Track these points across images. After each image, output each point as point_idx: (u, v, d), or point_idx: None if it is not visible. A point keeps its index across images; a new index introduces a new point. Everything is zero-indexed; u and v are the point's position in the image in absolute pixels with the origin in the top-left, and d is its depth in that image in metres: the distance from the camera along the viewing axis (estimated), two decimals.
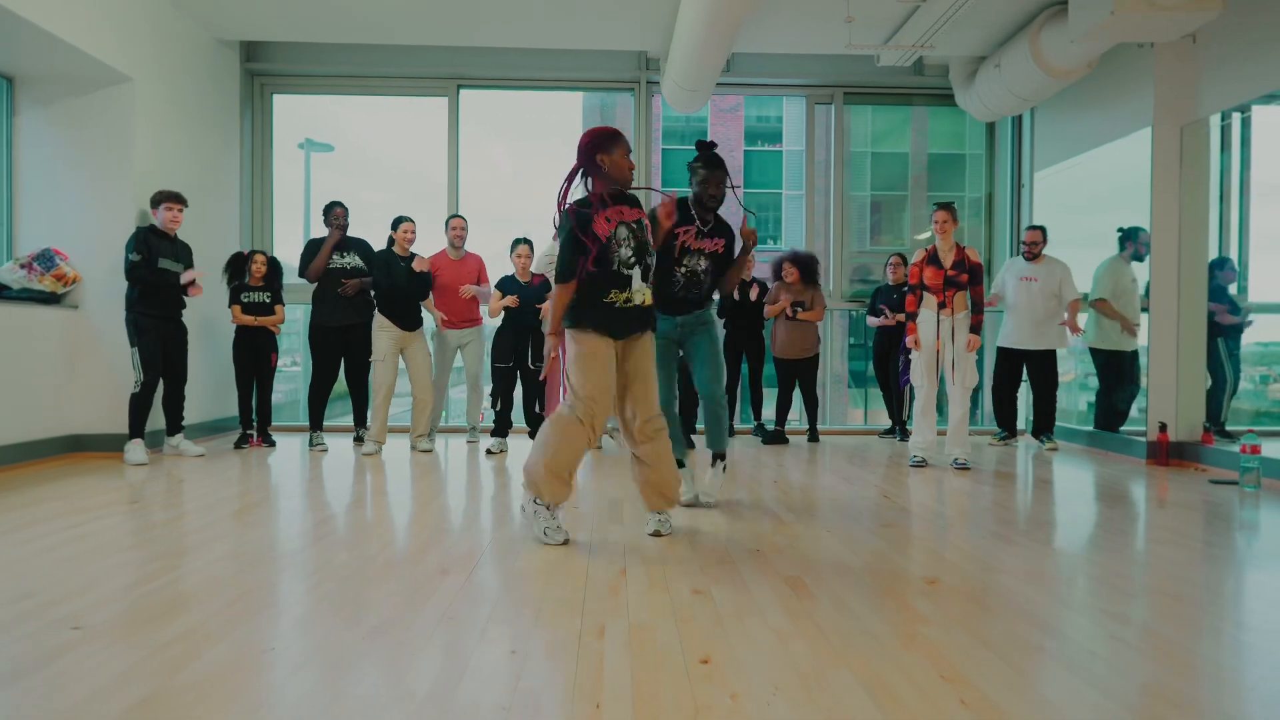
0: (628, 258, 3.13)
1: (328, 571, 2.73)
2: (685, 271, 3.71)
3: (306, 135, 11.99)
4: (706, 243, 3.72)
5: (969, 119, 7.20)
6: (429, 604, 2.39)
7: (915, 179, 21.10)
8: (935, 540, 3.26)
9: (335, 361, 5.85)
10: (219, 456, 5.46)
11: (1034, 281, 6.17)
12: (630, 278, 3.14)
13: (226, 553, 2.95)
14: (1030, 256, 6.21)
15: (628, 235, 3.13)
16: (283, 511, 3.74)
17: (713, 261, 3.76)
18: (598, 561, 2.89)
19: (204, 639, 2.08)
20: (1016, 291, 6.24)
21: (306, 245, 5.82)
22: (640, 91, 7.20)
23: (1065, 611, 2.42)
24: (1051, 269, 6.16)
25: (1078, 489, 4.66)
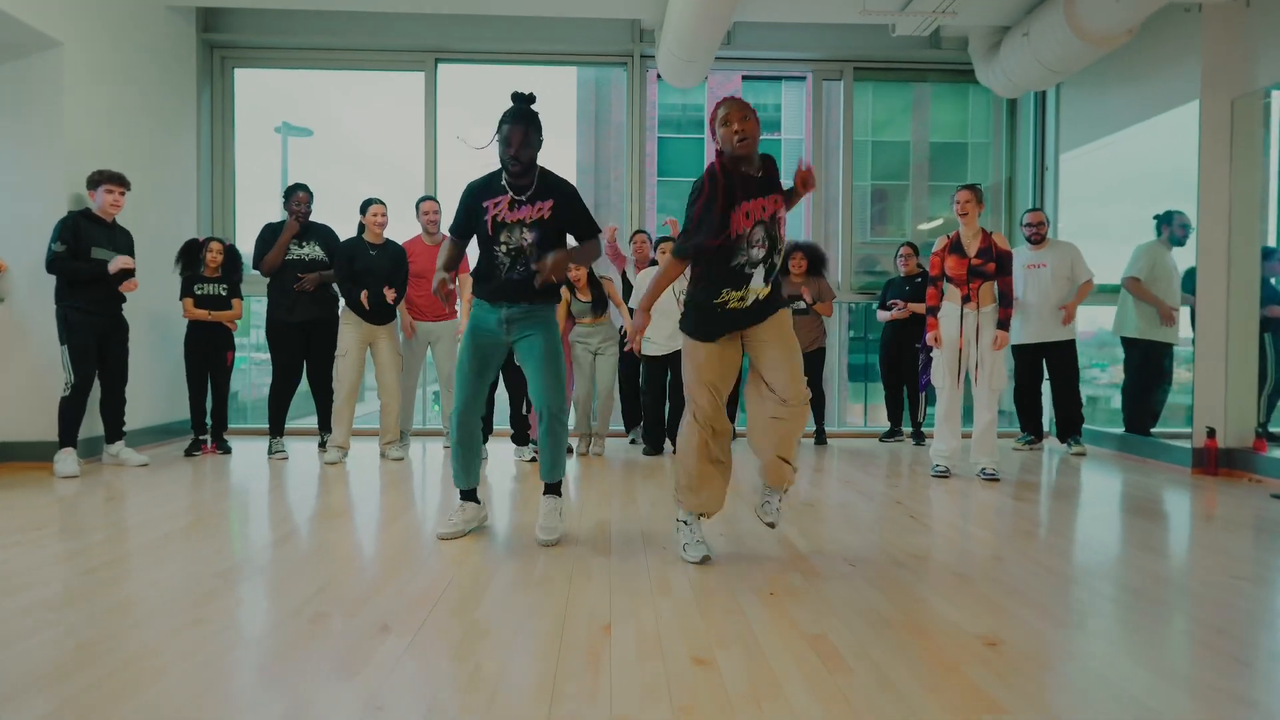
0: (757, 258, 2.82)
1: (239, 632, 2.19)
2: (507, 250, 3.10)
3: (284, 119, 11.43)
4: (526, 210, 3.09)
5: (972, 108, 6.71)
6: (354, 684, 1.86)
7: (917, 168, 20.59)
8: (983, 581, 2.73)
9: (297, 361, 5.29)
10: (165, 466, 4.91)
11: (1043, 268, 5.67)
12: (750, 276, 2.83)
13: (123, 598, 2.41)
14: (1036, 240, 5.71)
15: (763, 237, 2.81)
16: (212, 538, 3.19)
17: (541, 231, 3.09)
18: (576, 611, 2.35)
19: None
20: (1025, 281, 5.72)
21: (261, 232, 5.25)
22: (634, 66, 6.64)
23: (1167, 688, 1.89)
24: (1060, 251, 5.66)
25: (1132, 507, 4.13)
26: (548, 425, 3.25)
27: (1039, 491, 4.42)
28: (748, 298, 2.84)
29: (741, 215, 2.79)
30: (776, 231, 2.85)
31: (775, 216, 2.85)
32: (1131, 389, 5.75)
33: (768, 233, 2.82)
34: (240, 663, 1.98)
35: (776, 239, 2.85)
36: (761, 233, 2.81)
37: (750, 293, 2.84)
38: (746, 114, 2.81)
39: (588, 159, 21.76)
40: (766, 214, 2.82)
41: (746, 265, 2.82)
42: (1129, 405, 5.76)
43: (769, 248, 2.83)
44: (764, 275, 2.84)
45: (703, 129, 22.51)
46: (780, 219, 2.87)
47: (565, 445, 3.33)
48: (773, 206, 2.84)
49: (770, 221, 2.83)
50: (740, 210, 2.79)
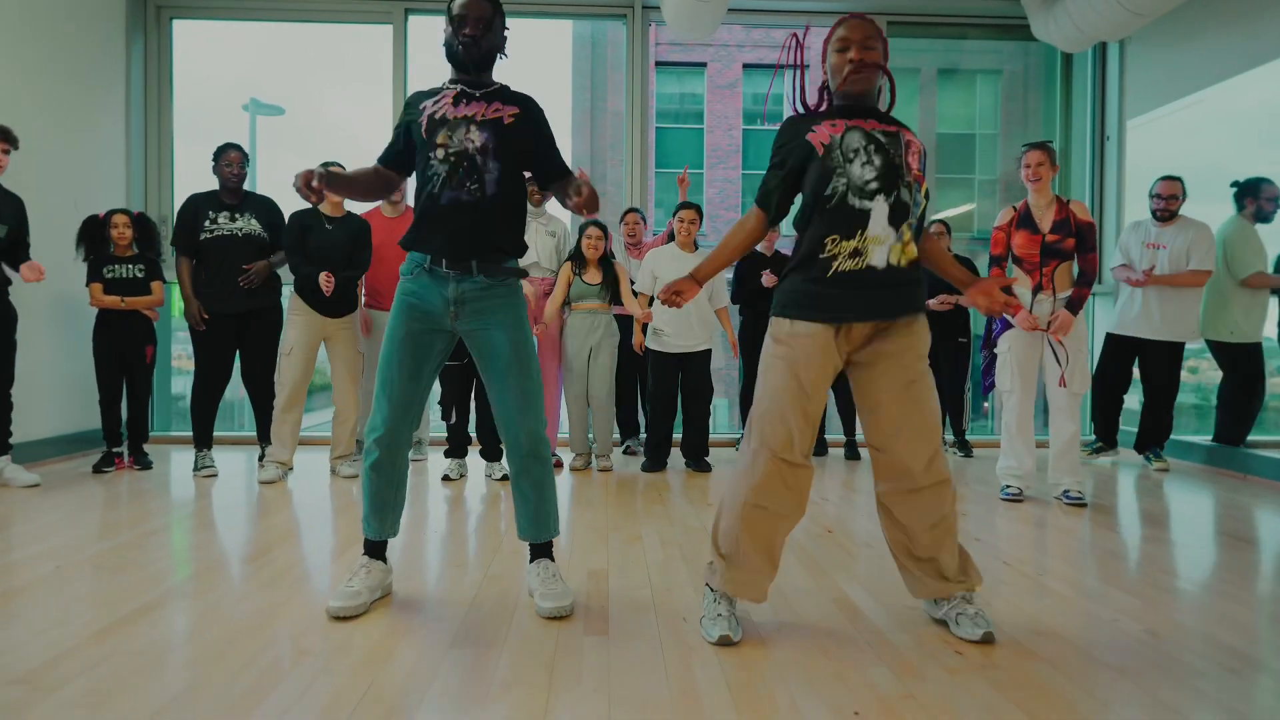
0: (864, 181, 1.94)
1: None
2: (446, 154, 2.15)
3: (252, 95, 10.53)
4: (478, 107, 2.19)
5: (979, 99, 5.86)
6: None
7: None
8: (1151, 675, 1.86)
9: (227, 357, 4.37)
10: (65, 485, 4.03)
11: (1161, 249, 4.65)
12: (868, 214, 1.93)
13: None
14: (1165, 216, 4.66)
15: (867, 147, 1.96)
16: (95, 587, 2.31)
17: (496, 135, 2.17)
18: (561, 707, 1.49)
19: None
20: (1140, 262, 4.74)
21: (183, 206, 4.33)
22: (634, 19, 5.76)
23: None
24: (1187, 231, 4.59)
25: (1261, 541, 3.26)
26: (521, 464, 2.28)
27: (1153, 525, 3.54)
28: (867, 252, 1.94)
29: (826, 126, 1.98)
30: (900, 155, 1.97)
31: (896, 136, 1.99)
32: (1230, 398, 4.85)
33: (876, 146, 1.96)
34: None
35: (899, 165, 1.95)
36: (861, 140, 1.96)
37: (870, 244, 1.94)
38: (870, 39, 1.99)
39: (583, 149, 20.92)
40: (870, 125, 1.99)
41: (852, 194, 1.93)
42: (1225, 416, 4.86)
43: (884, 170, 1.94)
44: (888, 216, 1.94)
45: (702, 119, 21.68)
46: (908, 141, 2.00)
47: (552, 489, 2.34)
48: (890, 127, 2.01)
49: (884, 137, 1.97)
50: (824, 125, 1.98)
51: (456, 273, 2.19)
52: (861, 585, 2.52)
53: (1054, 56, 6.15)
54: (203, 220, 4.25)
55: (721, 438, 5.58)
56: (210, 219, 4.26)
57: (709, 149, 21.67)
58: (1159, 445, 4.87)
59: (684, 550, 2.91)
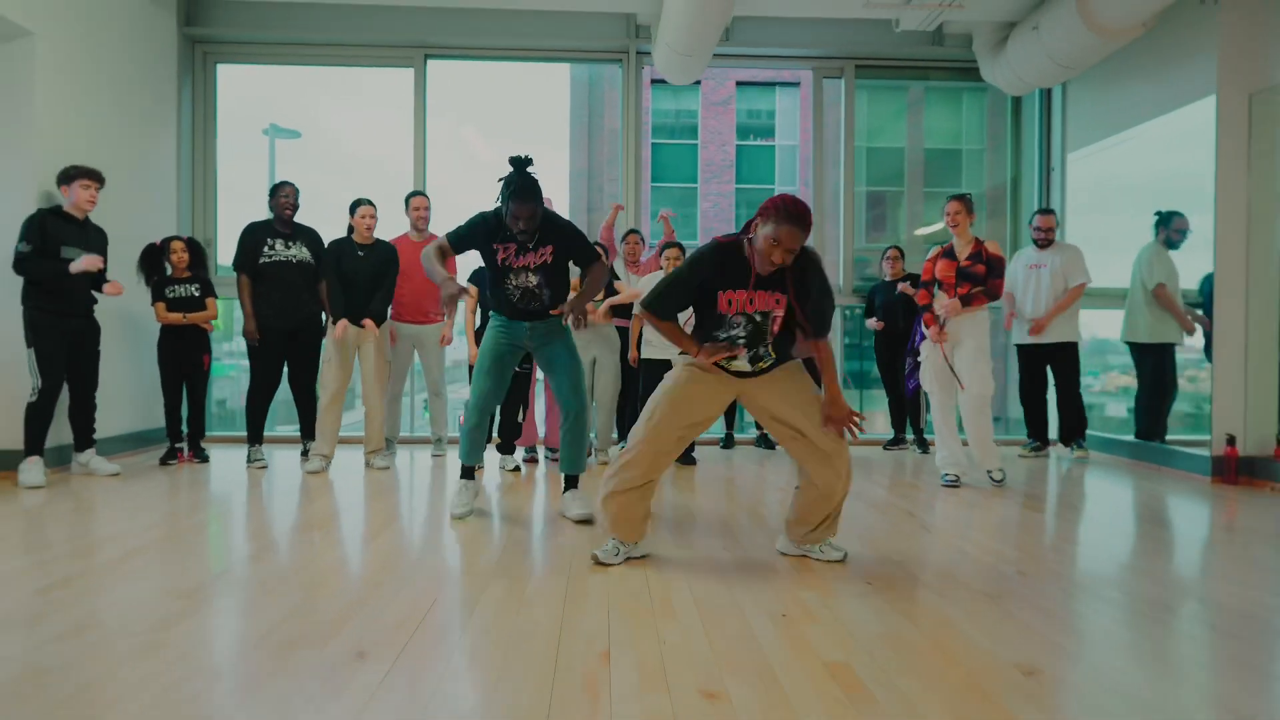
0: (736, 338, 2.80)
1: (199, 661, 1.98)
2: (516, 287, 3.49)
3: (271, 120, 11.21)
4: (530, 258, 3.44)
5: (966, 115, 6.56)
6: (324, 717, 1.64)
7: (911, 174, 20.48)
8: (1011, 600, 2.53)
9: (276, 364, 5.05)
10: (139, 476, 4.68)
11: (1042, 268, 5.55)
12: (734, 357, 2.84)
13: (74, 624, 2.19)
14: (1044, 244, 5.57)
15: (745, 326, 2.78)
16: (181, 555, 2.97)
17: (544, 273, 3.48)
18: (572, 636, 2.14)
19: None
20: (1025, 281, 5.61)
21: (244, 233, 5.02)
22: (629, 63, 6.45)
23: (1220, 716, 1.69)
24: (1062, 253, 5.52)
25: (1154, 517, 3.94)
26: (571, 422, 3.59)
27: (1056, 502, 4.23)
28: (730, 366, 2.84)
29: (724, 301, 2.76)
30: (767, 326, 2.77)
31: (768, 314, 2.75)
32: (1146, 395, 5.58)
33: (754, 325, 2.76)
34: (200, 695, 1.76)
35: (764, 332, 2.78)
36: (744, 322, 2.76)
37: (735, 367, 2.84)
38: (794, 246, 2.59)
39: (581, 164, 21.58)
40: (753, 307, 2.75)
41: (723, 335, 2.80)
42: (1142, 412, 5.59)
43: (751, 336, 2.77)
44: (749, 359, 2.81)
45: (696, 135, 22.37)
46: (775, 317, 2.77)
47: (586, 441, 3.68)
48: (768, 303, 2.75)
49: (760, 316, 2.76)
50: (724, 297, 2.75)
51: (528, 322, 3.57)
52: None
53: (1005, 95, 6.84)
54: (261, 246, 4.93)
55: (707, 436, 6.24)
56: (269, 245, 4.94)
57: (703, 164, 22.30)
58: (1079, 436, 5.59)
59: (669, 523, 3.58)
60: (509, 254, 3.41)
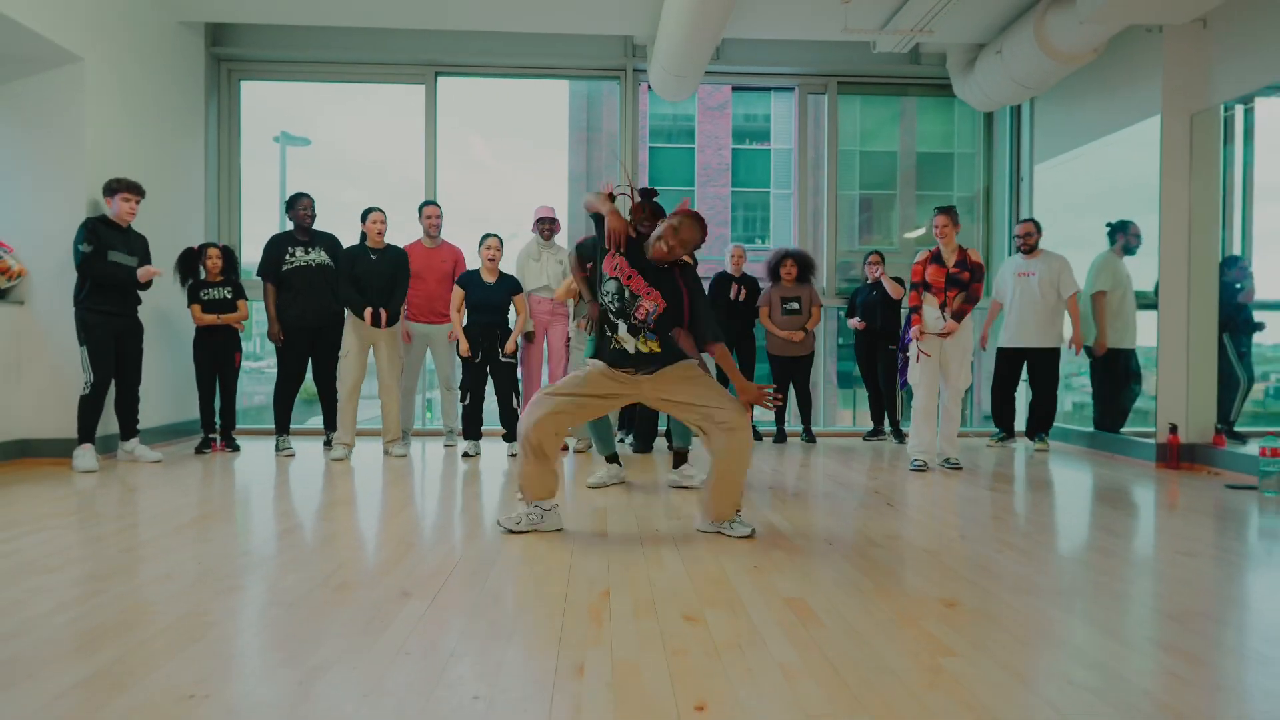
0: (613, 306, 3.18)
1: (274, 596, 2.43)
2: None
3: (283, 128, 11.65)
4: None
5: (957, 119, 7.04)
6: (383, 637, 2.09)
7: (904, 177, 20.94)
8: (948, 555, 2.99)
9: (301, 361, 5.52)
10: (178, 463, 5.13)
11: (1031, 276, 5.96)
12: (616, 325, 3.19)
13: (162, 573, 2.64)
14: (1026, 250, 5.99)
15: (615, 291, 3.17)
16: (233, 524, 3.42)
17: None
18: (578, 579, 2.60)
19: (115, 682, 1.77)
20: (1015, 288, 6.03)
21: (269, 244, 5.48)
22: (626, 80, 6.91)
23: (1102, 639, 2.14)
24: (1049, 262, 5.93)
25: (1087, 493, 4.41)
26: None
27: (1011, 483, 4.69)
28: (622, 344, 3.18)
29: (609, 263, 3.17)
30: (629, 304, 3.13)
31: (634, 292, 3.13)
32: (1100, 395, 6.05)
33: (619, 292, 3.14)
34: (280, 620, 2.21)
35: (627, 308, 3.13)
36: (614, 287, 3.15)
37: (619, 341, 3.18)
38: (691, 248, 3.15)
39: (579, 168, 21.99)
40: (625, 277, 3.13)
41: (609, 310, 3.18)
42: (1098, 406, 6.07)
43: (619, 306, 3.14)
44: (627, 328, 3.16)
45: (693, 139, 22.79)
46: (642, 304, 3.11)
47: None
48: (636, 282, 3.12)
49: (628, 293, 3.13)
50: (610, 258, 3.17)
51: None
52: (783, 515, 3.65)
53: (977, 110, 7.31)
54: (284, 255, 5.39)
55: None
56: (290, 253, 5.40)
57: (700, 168, 22.68)
58: (1045, 430, 6.04)
59: (662, 498, 4.03)
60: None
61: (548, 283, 5.79)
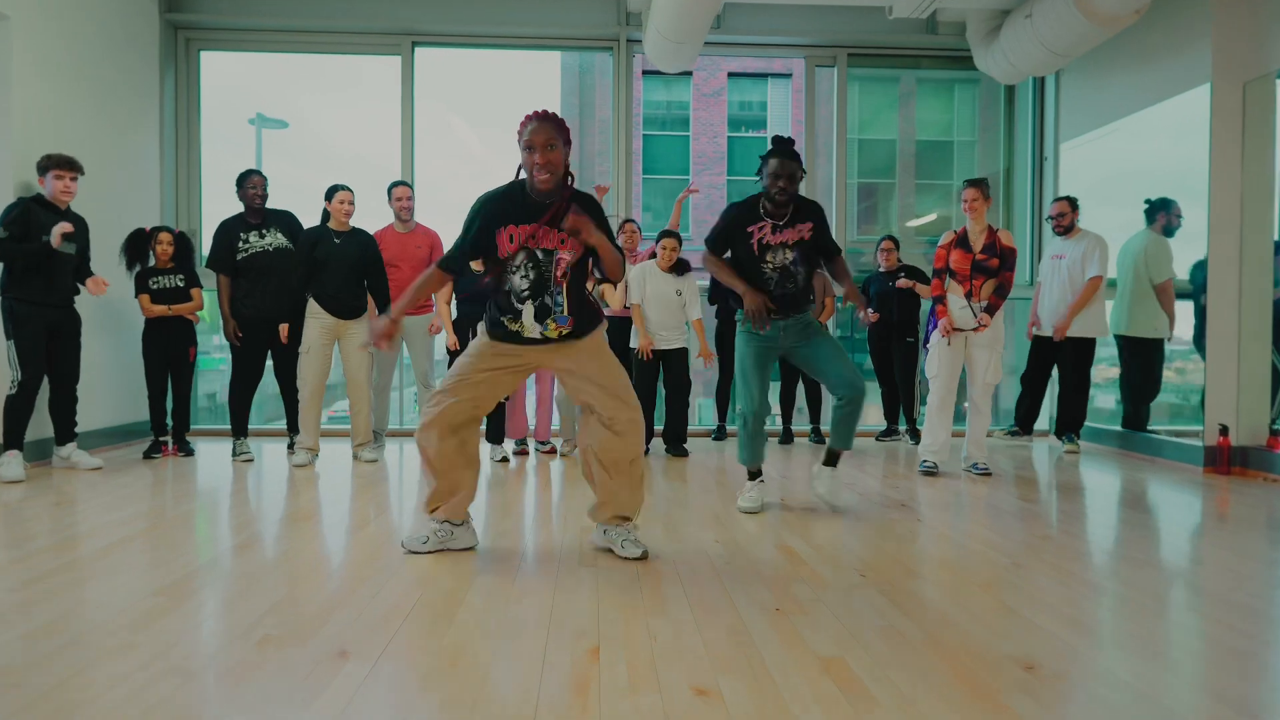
0: (521, 289, 2.65)
1: (179, 653, 1.92)
2: (774, 268, 3.42)
3: (258, 110, 11.09)
4: (788, 234, 3.40)
5: (958, 106, 6.50)
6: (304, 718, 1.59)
7: (903, 166, 20.43)
8: (1007, 591, 2.49)
9: (260, 358, 4.99)
10: (122, 469, 4.61)
11: (1062, 259, 5.41)
12: (520, 311, 2.67)
13: (43, 622, 2.13)
14: (1060, 230, 5.43)
15: (527, 264, 2.63)
16: (161, 550, 2.91)
17: (801, 250, 3.43)
18: (560, 631, 2.10)
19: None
20: (1049, 273, 5.50)
21: (217, 231, 4.94)
22: (620, 51, 6.37)
23: (1223, 710, 1.66)
24: (1082, 243, 5.33)
25: (1146, 508, 3.92)
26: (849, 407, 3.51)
27: (1050, 492, 4.20)
28: (525, 331, 2.67)
29: (506, 238, 2.60)
30: (550, 270, 2.61)
31: (552, 252, 2.61)
32: (1130, 387, 5.57)
33: (534, 262, 2.61)
34: (173, 695, 1.71)
35: (547, 277, 2.62)
36: (525, 260, 2.61)
37: (525, 328, 2.66)
38: (554, 141, 2.53)
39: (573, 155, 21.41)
40: (537, 242, 2.59)
41: (513, 296, 2.64)
42: (1128, 404, 5.59)
43: (535, 282, 2.61)
44: (534, 314, 2.64)
45: (688, 126, 22.24)
46: (561, 258, 2.61)
47: (858, 421, 3.59)
48: (551, 240, 2.60)
49: (542, 253, 2.60)
50: (505, 232, 2.60)
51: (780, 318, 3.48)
52: (799, 535, 3.15)
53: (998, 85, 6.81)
54: (236, 242, 4.85)
55: (698, 429, 6.19)
56: (243, 239, 4.87)
57: (695, 155, 22.18)
58: (1075, 430, 5.54)
59: (660, 515, 3.53)
60: (765, 232, 3.39)
61: None
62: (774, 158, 3.33)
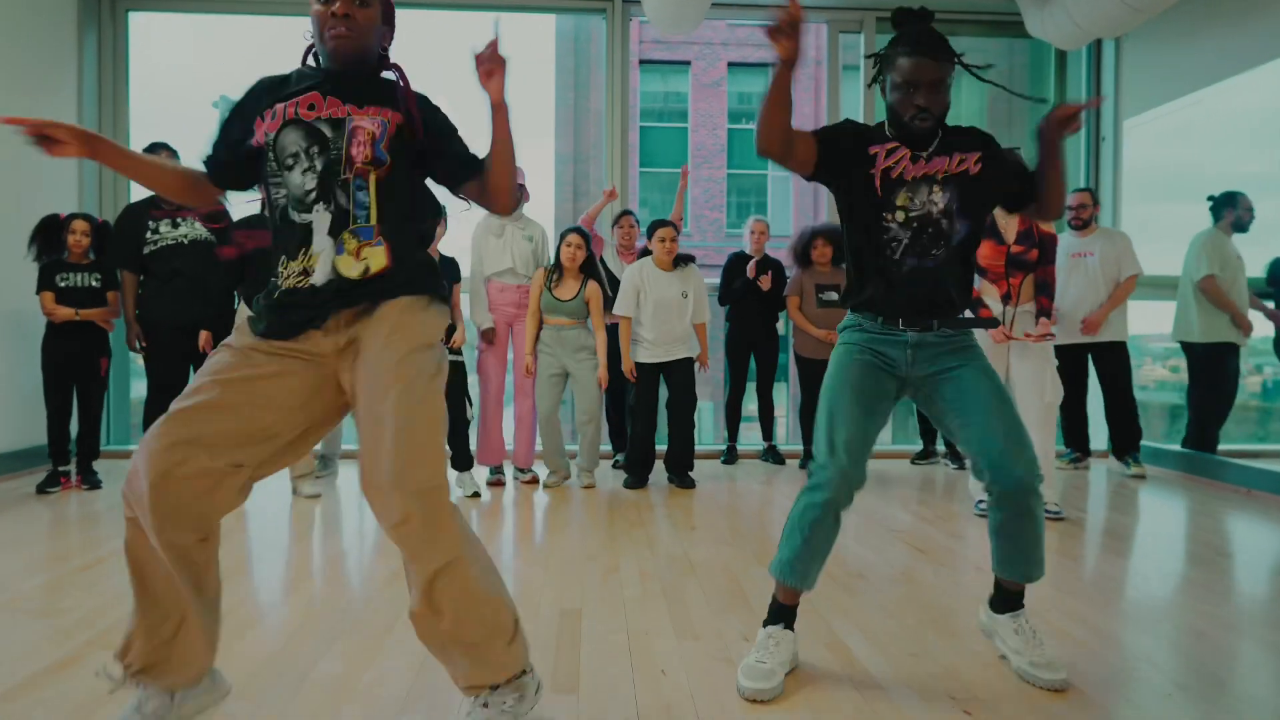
0: (302, 190, 1.56)
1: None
2: (906, 220, 1.92)
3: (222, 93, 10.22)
4: (939, 162, 1.92)
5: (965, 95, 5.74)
6: None
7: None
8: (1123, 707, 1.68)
9: (177, 370, 4.15)
10: (9, 506, 3.78)
11: (1089, 257, 4.73)
12: (308, 228, 1.57)
13: None
14: (1079, 225, 4.78)
15: (302, 144, 1.57)
16: (49, 618, 2.08)
17: (960, 193, 1.92)
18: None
19: None
20: (1070, 272, 4.79)
21: (119, 218, 4.13)
22: (614, 14, 5.54)
23: None
24: (1111, 240, 4.73)
25: (1249, 560, 3.10)
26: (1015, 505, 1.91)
27: (1131, 540, 3.38)
28: (312, 271, 1.56)
29: (264, 120, 1.60)
30: (343, 148, 1.57)
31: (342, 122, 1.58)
32: (1199, 401, 4.82)
33: (314, 141, 1.57)
34: None
35: (337, 165, 1.57)
36: (299, 138, 1.57)
37: (315, 261, 1.56)
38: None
39: (566, 149, 20.69)
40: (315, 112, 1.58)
41: (291, 206, 1.58)
42: (1196, 420, 4.85)
43: (323, 174, 1.56)
44: (330, 225, 1.56)
45: (687, 118, 21.45)
46: (359, 127, 1.57)
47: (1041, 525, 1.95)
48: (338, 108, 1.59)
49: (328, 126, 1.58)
50: (265, 115, 1.60)
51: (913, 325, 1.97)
52: (857, 626, 2.33)
53: (1045, 56, 6.00)
54: (143, 232, 4.03)
55: (706, 449, 5.37)
56: (151, 229, 4.06)
57: (694, 148, 21.45)
58: (1134, 449, 4.82)
59: (664, 584, 2.71)
60: (896, 160, 1.94)
61: (513, 265, 4.45)
62: (905, 54, 1.88)
